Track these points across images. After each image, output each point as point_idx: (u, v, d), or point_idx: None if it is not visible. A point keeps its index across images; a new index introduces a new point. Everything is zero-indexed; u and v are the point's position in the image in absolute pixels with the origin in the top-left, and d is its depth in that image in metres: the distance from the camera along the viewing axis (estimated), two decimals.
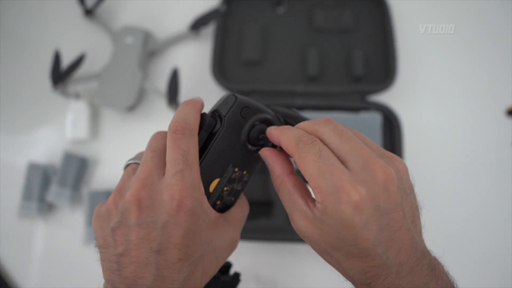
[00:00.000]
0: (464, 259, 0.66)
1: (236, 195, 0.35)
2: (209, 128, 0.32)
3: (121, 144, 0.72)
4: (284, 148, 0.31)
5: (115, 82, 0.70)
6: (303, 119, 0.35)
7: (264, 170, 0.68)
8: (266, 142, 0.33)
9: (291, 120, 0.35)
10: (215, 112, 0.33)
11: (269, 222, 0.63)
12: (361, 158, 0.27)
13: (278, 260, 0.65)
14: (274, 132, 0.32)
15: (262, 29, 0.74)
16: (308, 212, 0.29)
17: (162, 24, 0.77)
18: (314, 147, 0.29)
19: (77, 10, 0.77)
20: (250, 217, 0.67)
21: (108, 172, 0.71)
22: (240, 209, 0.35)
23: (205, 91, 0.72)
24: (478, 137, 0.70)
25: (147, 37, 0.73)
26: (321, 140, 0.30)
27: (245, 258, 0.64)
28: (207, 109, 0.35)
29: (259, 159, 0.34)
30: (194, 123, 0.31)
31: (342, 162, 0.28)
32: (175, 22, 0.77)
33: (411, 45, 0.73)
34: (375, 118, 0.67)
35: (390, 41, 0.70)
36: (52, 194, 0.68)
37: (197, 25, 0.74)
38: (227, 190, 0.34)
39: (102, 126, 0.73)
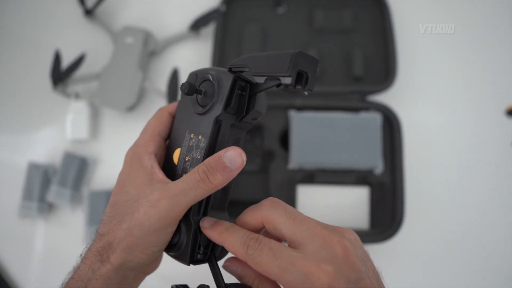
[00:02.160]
0: (465, 259, 0.66)
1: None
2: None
3: (121, 144, 0.71)
4: (230, 252, 0.30)
5: (115, 82, 0.70)
6: (254, 59, 0.30)
7: (263, 170, 0.69)
8: (209, 99, 0.32)
9: (243, 73, 0.32)
10: None
11: None
12: (318, 238, 0.28)
13: None
14: (212, 234, 0.31)
15: (262, 29, 0.74)
16: None
17: (162, 24, 0.77)
18: (264, 248, 0.28)
19: (77, 10, 0.77)
20: None
21: (108, 172, 0.72)
22: (187, 175, 0.31)
23: None
24: (478, 137, 0.70)
25: (147, 37, 0.73)
26: (273, 224, 0.29)
27: None
28: None
29: (209, 119, 0.32)
30: (153, 117, 0.36)
31: (298, 244, 0.28)
32: (175, 22, 0.77)
33: (411, 45, 0.73)
34: (375, 118, 0.67)
35: (390, 41, 0.70)
36: (52, 194, 0.68)
37: (197, 25, 0.74)
38: (188, 160, 0.33)
39: (102, 126, 0.73)
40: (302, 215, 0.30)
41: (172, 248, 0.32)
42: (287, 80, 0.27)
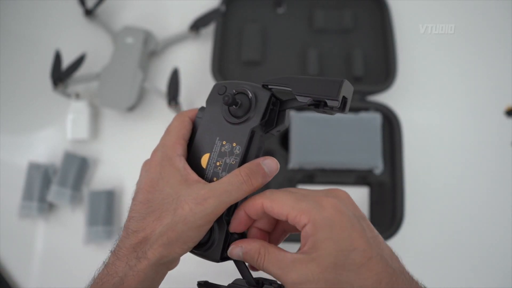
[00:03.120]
0: (465, 259, 0.66)
1: (231, 171, 0.35)
2: (200, 115, 0.38)
3: (121, 144, 0.72)
4: (250, 204, 0.33)
5: (115, 82, 0.70)
6: (294, 80, 0.33)
7: None
8: (241, 111, 0.34)
9: (280, 89, 0.34)
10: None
11: None
12: (320, 190, 0.33)
13: None
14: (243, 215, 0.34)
15: (262, 29, 0.74)
16: (300, 256, 0.31)
17: (162, 24, 0.77)
18: (286, 191, 0.33)
19: (77, 10, 0.77)
20: None
21: (108, 172, 0.72)
22: (229, 177, 0.33)
23: (205, 91, 0.70)
24: (478, 137, 0.70)
25: (147, 37, 0.73)
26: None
27: None
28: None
29: (245, 129, 0.35)
30: (175, 121, 0.38)
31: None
32: (175, 22, 0.77)
33: (411, 45, 0.73)
34: (375, 118, 0.67)
35: (390, 41, 0.70)
36: (53, 194, 0.68)
37: (197, 25, 0.74)
38: (220, 165, 0.35)
39: (102, 126, 0.74)
40: None
41: (202, 247, 0.34)
42: (335, 103, 0.31)
